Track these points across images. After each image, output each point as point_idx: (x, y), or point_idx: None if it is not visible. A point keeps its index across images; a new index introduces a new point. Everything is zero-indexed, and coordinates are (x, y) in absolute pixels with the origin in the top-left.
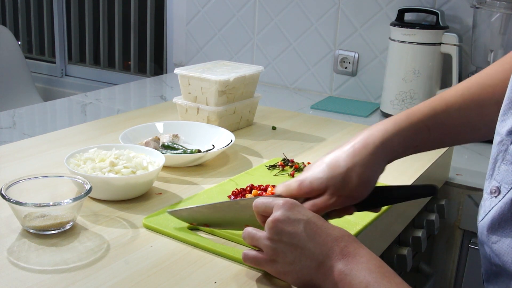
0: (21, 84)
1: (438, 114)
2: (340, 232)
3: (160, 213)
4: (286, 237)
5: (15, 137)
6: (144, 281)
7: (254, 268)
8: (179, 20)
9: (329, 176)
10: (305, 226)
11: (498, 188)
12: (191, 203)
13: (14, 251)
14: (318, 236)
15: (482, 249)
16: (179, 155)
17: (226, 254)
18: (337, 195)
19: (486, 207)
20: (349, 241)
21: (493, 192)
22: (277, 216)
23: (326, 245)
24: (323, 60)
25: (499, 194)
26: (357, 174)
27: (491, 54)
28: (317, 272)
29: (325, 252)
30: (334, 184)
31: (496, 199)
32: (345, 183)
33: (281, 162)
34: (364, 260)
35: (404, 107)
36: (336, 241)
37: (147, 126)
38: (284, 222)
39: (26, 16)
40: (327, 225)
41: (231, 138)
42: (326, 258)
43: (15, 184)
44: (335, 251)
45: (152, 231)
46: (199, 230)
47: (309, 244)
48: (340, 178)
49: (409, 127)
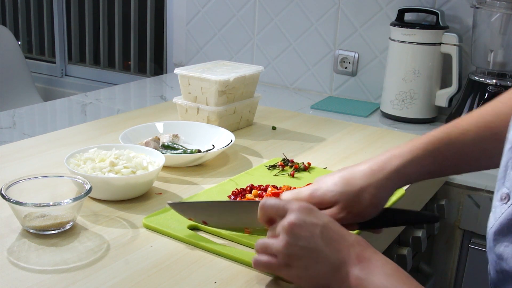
0: (21, 84)
1: (454, 143)
2: (355, 238)
3: (160, 213)
4: (302, 241)
5: (15, 137)
6: (144, 281)
7: (254, 268)
8: (179, 20)
9: (342, 191)
10: (322, 230)
11: (508, 194)
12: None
13: (14, 251)
14: (334, 241)
15: (492, 256)
16: (179, 155)
17: (226, 254)
18: (347, 211)
19: (497, 214)
20: (365, 246)
21: (503, 198)
22: (293, 220)
23: (342, 250)
24: (323, 60)
25: (508, 201)
26: (370, 195)
27: (491, 54)
28: (333, 278)
29: (341, 258)
30: (345, 200)
31: (506, 205)
32: (357, 201)
33: (281, 162)
34: (380, 264)
35: (404, 107)
36: (352, 246)
37: (147, 126)
38: (300, 227)
39: (26, 16)
40: (343, 230)
41: (231, 138)
42: (342, 264)
43: (15, 184)
44: (351, 257)
45: (152, 231)
46: (199, 230)
47: (325, 249)
48: (353, 195)
49: (425, 155)
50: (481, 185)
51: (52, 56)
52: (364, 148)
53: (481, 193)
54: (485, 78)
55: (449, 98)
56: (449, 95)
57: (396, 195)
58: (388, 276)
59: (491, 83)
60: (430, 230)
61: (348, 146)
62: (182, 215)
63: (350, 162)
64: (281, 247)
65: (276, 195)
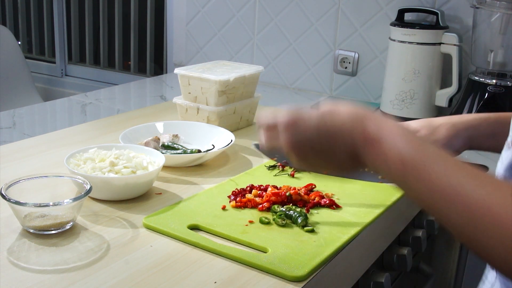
0: (21, 84)
1: None
2: (350, 122)
3: (160, 213)
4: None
5: (15, 137)
6: (144, 281)
7: (253, 268)
8: (179, 20)
9: (425, 124)
10: (318, 126)
11: None
12: (191, 203)
13: (14, 251)
14: (332, 134)
15: None
16: (179, 155)
17: (226, 254)
18: None
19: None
20: (364, 125)
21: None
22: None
23: (347, 138)
24: (323, 60)
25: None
26: (446, 131)
27: (491, 54)
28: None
29: (350, 143)
30: (427, 127)
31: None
32: (434, 133)
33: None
34: (388, 132)
35: (404, 107)
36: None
37: (147, 126)
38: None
39: (26, 16)
40: (336, 118)
41: (231, 138)
42: (354, 148)
43: (15, 184)
44: (358, 138)
45: (152, 231)
46: (200, 230)
47: (330, 147)
48: (433, 127)
49: None
50: None
51: (52, 56)
52: None
53: None
54: (485, 78)
55: (449, 98)
56: (449, 95)
57: (396, 195)
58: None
59: (491, 83)
60: (430, 230)
61: None
62: (266, 155)
63: None
64: (286, 143)
65: (276, 195)
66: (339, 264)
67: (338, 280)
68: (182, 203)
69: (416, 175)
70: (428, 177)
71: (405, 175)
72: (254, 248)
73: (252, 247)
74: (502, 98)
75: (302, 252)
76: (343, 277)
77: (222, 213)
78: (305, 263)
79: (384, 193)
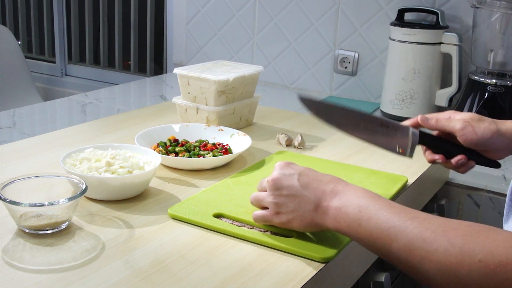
0: (21, 84)
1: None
2: (328, 177)
3: (183, 203)
4: (285, 190)
5: (15, 137)
6: (140, 282)
7: (253, 268)
8: (179, 20)
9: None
10: (299, 178)
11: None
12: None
13: (9, 250)
14: (310, 184)
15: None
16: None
17: (252, 238)
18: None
19: None
20: (337, 182)
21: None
22: (274, 175)
23: (318, 189)
24: (323, 60)
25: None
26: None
27: (491, 54)
28: (316, 213)
29: (319, 195)
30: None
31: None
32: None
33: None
34: (352, 191)
35: (404, 107)
36: (326, 184)
37: (163, 127)
38: (280, 179)
39: (26, 16)
40: (317, 173)
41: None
42: (321, 200)
43: (10, 183)
44: (327, 193)
45: (151, 231)
46: (223, 217)
47: (304, 192)
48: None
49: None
50: (481, 185)
51: (52, 56)
52: (364, 148)
53: (481, 193)
54: (485, 78)
55: (449, 98)
56: (449, 95)
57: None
58: (360, 197)
59: (491, 83)
60: None
61: (348, 146)
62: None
63: (350, 162)
64: (269, 199)
65: None
66: (339, 264)
67: (338, 279)
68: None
69: (367, 219)
70: (377, 220)
71: (360, 218)
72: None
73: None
74: (502, 98)
75: (325, 235)
76: (343, 277)
77: (243, 202)
78: (333, 245)
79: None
